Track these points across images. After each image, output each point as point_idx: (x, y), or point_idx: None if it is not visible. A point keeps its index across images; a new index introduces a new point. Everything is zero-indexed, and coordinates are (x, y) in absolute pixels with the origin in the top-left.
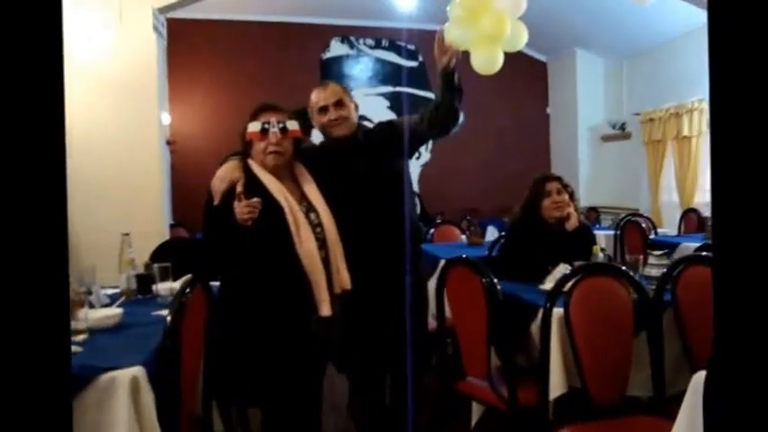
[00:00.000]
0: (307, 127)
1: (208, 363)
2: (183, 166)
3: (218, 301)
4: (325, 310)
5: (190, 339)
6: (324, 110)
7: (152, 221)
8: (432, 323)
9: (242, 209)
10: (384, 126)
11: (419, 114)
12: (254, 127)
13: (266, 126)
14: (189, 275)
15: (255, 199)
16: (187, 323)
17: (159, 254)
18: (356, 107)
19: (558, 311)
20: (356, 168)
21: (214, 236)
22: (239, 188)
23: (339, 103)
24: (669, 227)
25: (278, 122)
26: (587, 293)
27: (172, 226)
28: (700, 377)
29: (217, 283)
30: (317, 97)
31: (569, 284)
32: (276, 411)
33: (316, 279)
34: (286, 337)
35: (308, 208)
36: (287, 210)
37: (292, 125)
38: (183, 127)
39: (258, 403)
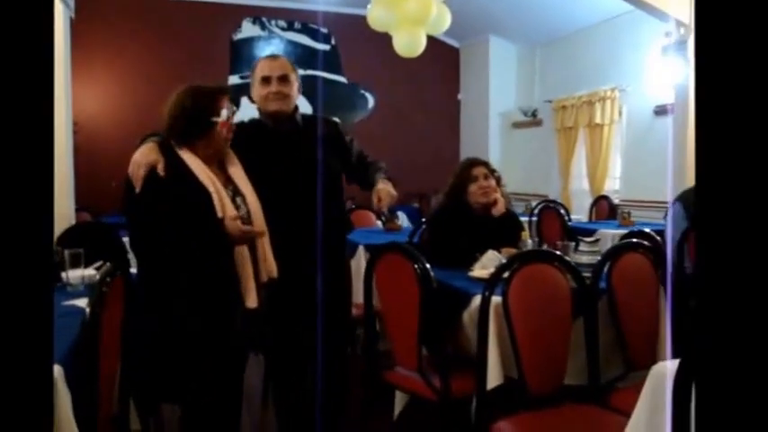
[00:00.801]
0: None
1: (126, 358)
2: (86, 147)
3: (137, 292)
4: (252, 301)
5: (109, 333)
6: (266, 81)
7: (58, 205)
8: (352, 311)
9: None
10: (329, 122)
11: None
12: (224, 116)
13: (228, 114)
14: (105, 263)
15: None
16: (106, 315)
17: (66, 239)
18: (299, 88)
19: (495, 299)
20: (293, 150)
21: (138, 224)
22: (160, 171)
23: (284, 78)
24: (580, 213)
25: (232, 109)
26: (527, 281)
27: (76, 209)
28: (659, 369)
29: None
30: (262, 67)
31: (508, 271)
32: (197, 407)
33: (242, 268)
34: (210, 329)
35: (234, 192)
36: (214, 195)
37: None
38: (85, 107)
39: (178, 400)
